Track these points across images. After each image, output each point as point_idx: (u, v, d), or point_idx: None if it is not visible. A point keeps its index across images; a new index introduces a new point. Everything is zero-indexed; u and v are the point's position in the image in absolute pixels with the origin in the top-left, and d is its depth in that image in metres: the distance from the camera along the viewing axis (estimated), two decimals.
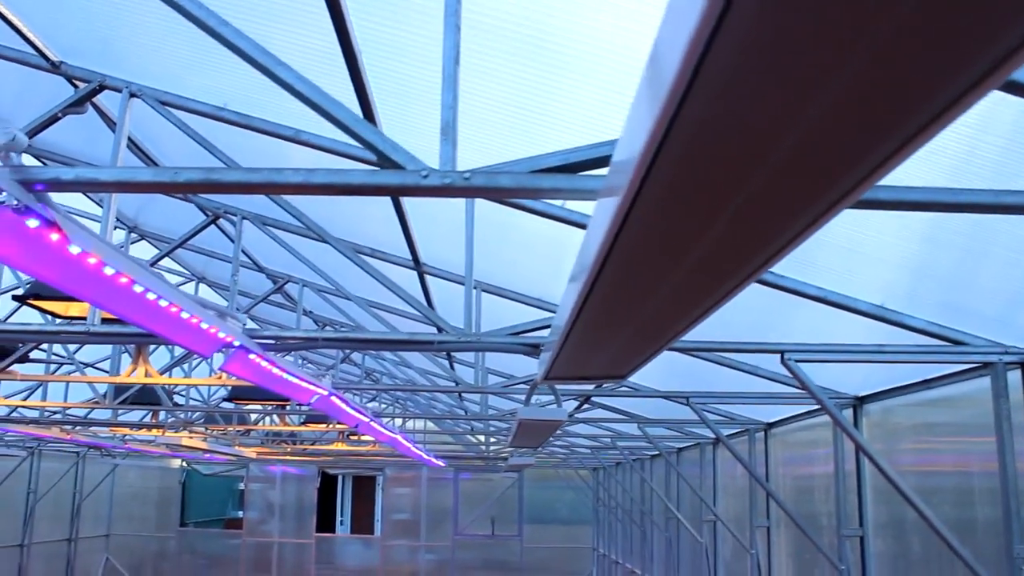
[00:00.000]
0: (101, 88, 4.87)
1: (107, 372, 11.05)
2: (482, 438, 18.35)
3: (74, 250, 2.71)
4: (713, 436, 11.50)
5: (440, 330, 4.51)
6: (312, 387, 5.65)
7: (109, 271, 2.92)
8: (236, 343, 4.19)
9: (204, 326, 3.75)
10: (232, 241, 7.47)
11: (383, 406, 15.50)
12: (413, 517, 23.61)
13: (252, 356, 4.47)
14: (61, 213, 2.48)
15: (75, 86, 5.19)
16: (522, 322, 5.52)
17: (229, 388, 9.28)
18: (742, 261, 1.79)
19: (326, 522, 24.50)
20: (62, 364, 10.81)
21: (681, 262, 1.75)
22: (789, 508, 7.78)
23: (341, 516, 32.94)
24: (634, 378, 8.31)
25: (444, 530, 23.21)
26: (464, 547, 23.10)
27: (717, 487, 11.54)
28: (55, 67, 5.02)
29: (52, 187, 2.42)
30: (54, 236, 2.59)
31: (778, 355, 5.24)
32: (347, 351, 10.41)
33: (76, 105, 4.82)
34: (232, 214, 6.58)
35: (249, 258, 7.76)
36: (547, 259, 6.76)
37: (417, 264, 6.14)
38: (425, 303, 7.15)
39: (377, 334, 5.06)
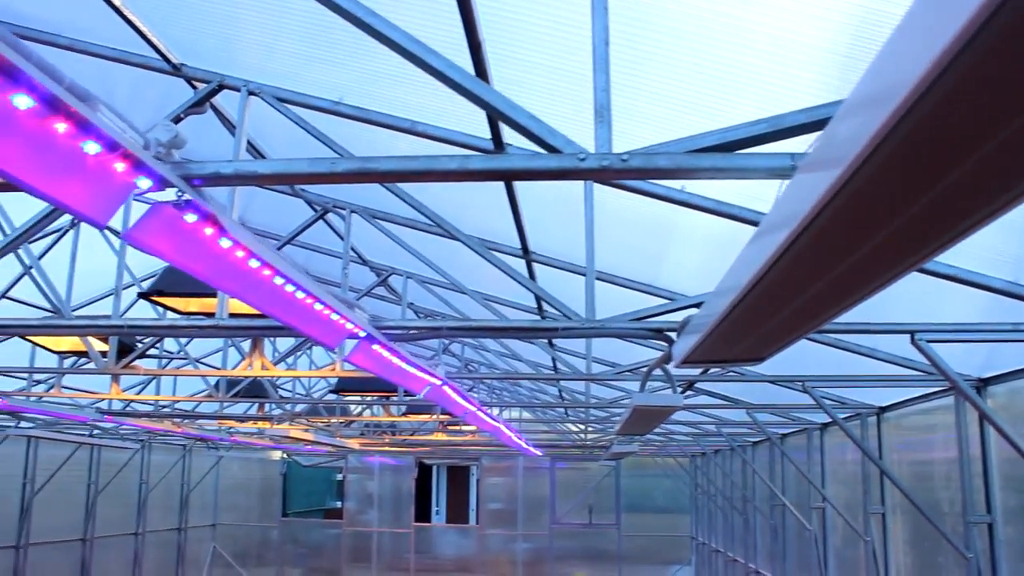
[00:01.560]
0: (220, 88, 4.96)
1: (214, 366, 11.36)
2: (579, 427, 18.32)
3: (225, 244, 2.75)
4: (820, 421, 11.26)
5: (564, 317, 4.48)
6: (428, 377, 5.68)
7: (254, 264, 2.96)
8: (362, 333, 4.23)
9: (334, 317, 3.79)
10: (339, 236, 7.58)
11: (478, 395, 15.58)
12: (509, 506, 23.72)
13: (375, 346, 4.51)
14: (218, 208, 2.52)
15: (194, 87, 5.31)
16: (631, 307, 5.46)
17: (334, 381, 9.43)
18: (929, 240, 1.72)
19: (422, 512, 24.80)
20: (172, 359, 11.11)
21: (874, 238, 1.68)
22: (907, 494, 7.55)
23: (436, 506, 33.32)
24: None
25: (541, 519, 23.26)
26: (561, 536, 23.12)
27: (825, 473, 11.27)
28: (176, 69, 5.13)
29: (211, 182, 2.46)
30: (208, 230, 2.64)
31: (906, 335, 5.08)
32: (447, 341, 10.48)
33: (197, 106, 4.92)
34: (341, 208, 6.65)
35: (354, 251, 7.85)
36: (654, 242, 6.68)
37: (526, 252, 6.11)
38: (537, 305, 7.14)
39: (499, 322, 5.05)
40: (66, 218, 8.04)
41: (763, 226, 2.00)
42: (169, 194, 2.47)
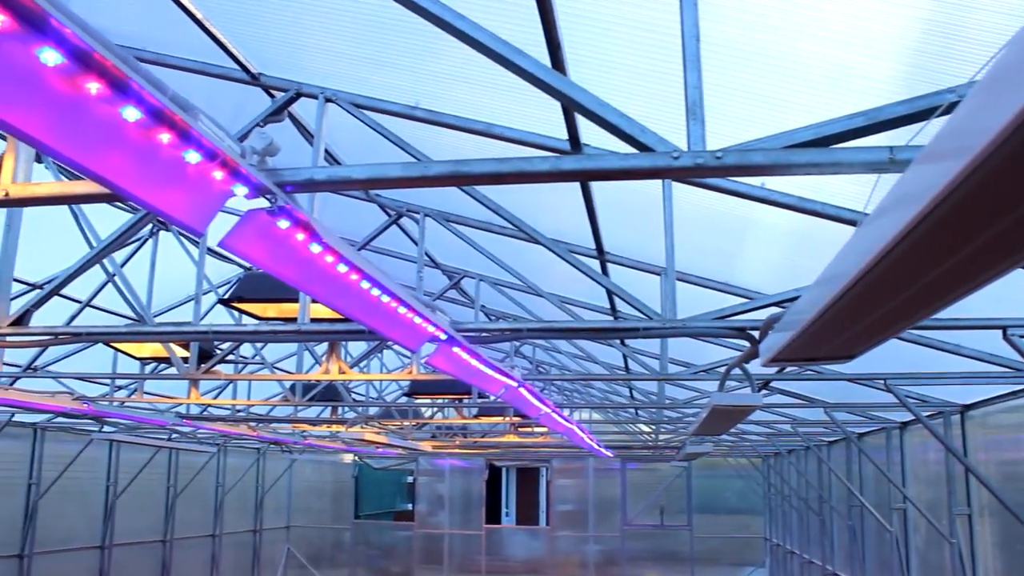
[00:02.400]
0: (298, 96, 5.03)
1: (287, 371, 11.53)
2: (651, 428, 18.18)
3: (315, 249, 2.78)
4: (899, 420, 11.01)
5: (646, 317, 4.44)
6: (504, 378, 5.69)
7: (342, 268, 2.99)
8: (443, 336, 4.25)
9: (417, 320, 3.81)
10: (412, 240, 7.63)
11: (549, 397, 15.55)
12: (580, 508, 23.65)
13: (455, 349, 4.53)
14: (308, 214, 2.55)
15: (271, 96, 5.40)
16: (705, 307, 5.39)
17: (406, 384, 9.49)
18: None
19: (492, 513, 24.87)
20: (248, 363, 11.32)
21: (991, 230, 1.63)
22: (997, 495, 7.33)
23: (507, 507, 33.38)
24: None
25: (612, 520, 23.15)
26: (633, 537, 22.98)
27: (906, 473, 11.01)
28: (255, 79, 5.22)
29: (304, 188, 2.49)
30: (300, 236, 2.67)
31: (997, 331, 4.94)
32: (519, 343, 10.49)
33: (275, 114, 5.00)
34: (415, 211, 6.70)
35: (427, 255, 7.90)
36: (728, 239, 6.59)
37: (600, 253, 6.08)
38: (606, 292, 7.10)
39: (579, 323, 5.04)
40: (146, 228, 8.25)
41: (870, 220, 1.95)
42: (262, 201, 2.50)
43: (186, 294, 9.83)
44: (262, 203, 2.63)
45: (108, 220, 6.70)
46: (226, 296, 6.09)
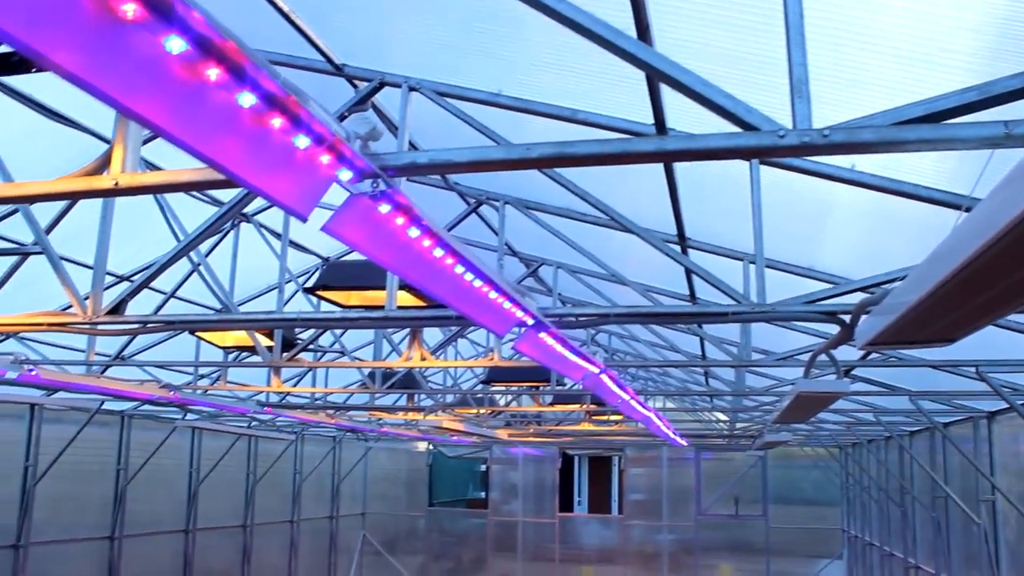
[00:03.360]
0: (382, 85, 5.08)
1: (363, 359, 11.68)
2: (726, 417, 18.00)
3: (413, 233, 2.81)
4: (986, 409, 10.71)
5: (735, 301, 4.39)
6: (587, 365, 5.69)
7: (438, 253, 3.02)
8: (530, 321, 4.26)
9: (507, 306, 3.83)
10: (490, 227, 7.66)
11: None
12: (653, 497, 23.54)
13: (542, 334, 4.54)
14: (407, 198, 2.58)
15: (355, 86, 5.46)
16: (787, 292, 5.30)
17: (482, 373, 9.53)
18: None
19: (564, 502, 24.92)
20: (326, 352, 11.48)
21: None
22: None
23: (579, 496, 33.42)
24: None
25: (685, 510, 23.00)
26: (707, 527, 22.79)
27: (995, 464, 10.71)
28: (339, 70, 5.29)
29: (405, 172, 2.51)
30: (399, 220, 2.70)
31: None
32: (595, 331, 10.47)
33: (359, 104, 5.06)
34: (495, 199, 6.72)
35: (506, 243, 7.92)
36: (808, 223, 6.47)
37: (682, 239, 6.03)
38: (687, 278, 7.05)
39: (666, 308, 5.00)
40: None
41: (987, 200, 1.90)
42: (364, 185, 2.54)
43: (265, 284, 10.03)
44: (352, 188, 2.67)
45: (190, 213, 6.88)
46: (309, 285, 6.19)
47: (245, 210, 8.44)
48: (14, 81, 5.86)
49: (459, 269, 3.21)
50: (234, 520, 19.01)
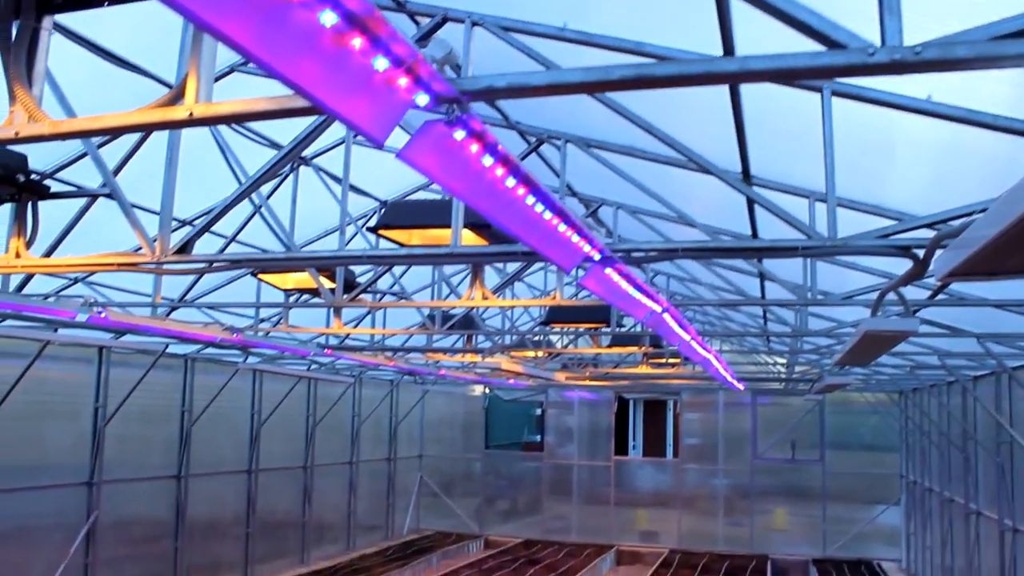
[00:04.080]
0: (444, 21, 5.01)
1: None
2: (784, 361, 17.85)
3: (487, 161, 2.79)
4: None
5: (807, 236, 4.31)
6: (651, 303, 5.65)
7: (510, 182, 3.00)
8: (597, 256, 4.23)
9: (575, 239, 3.80)
10: (550, 167, 7.61)
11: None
12: (708, 441, 23.56)
13: (608, 270, 4.51)
14: (484, 124, 2.55)
15: (416, 23, 5.40)
16: (854, 230, 5.17)
17: (546, 313, 9.53)
18: None
19: (618, 446, 25.04)
20: (386, 294, 11.56)
21: None
22: None
23: (633, 440, 33.60)
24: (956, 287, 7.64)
25: (741, 454, 22.98)
26: (763, 472, 22.78)
27: None
28: (400, 6, 5.24)
29: (483, 96, 2.48)
30: (473, 147, 2.68)
31: None
32: (653, 273, 10.40)
33: (421, 40, 5.01)
34: (556, 138, 6.66)
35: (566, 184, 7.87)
36: (872, 158, 6.31)
37: (747, 176, 5.91)
38: (749, 216, 6.94)
39: (735, 243, 4.94)
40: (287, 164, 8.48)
41: None
42: (439, 112, 2.51)
43: (323, 229, 10.11)
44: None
45: (250, 160, 6.92)
46: (372, 224, 6.22)
47: (304, 153, 8.50)
48: (79, 26, 5.91)
49: (530, 200, 3.18)
50: (295, 461, 19.45)
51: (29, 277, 8.89)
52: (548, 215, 3.39)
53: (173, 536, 15.56)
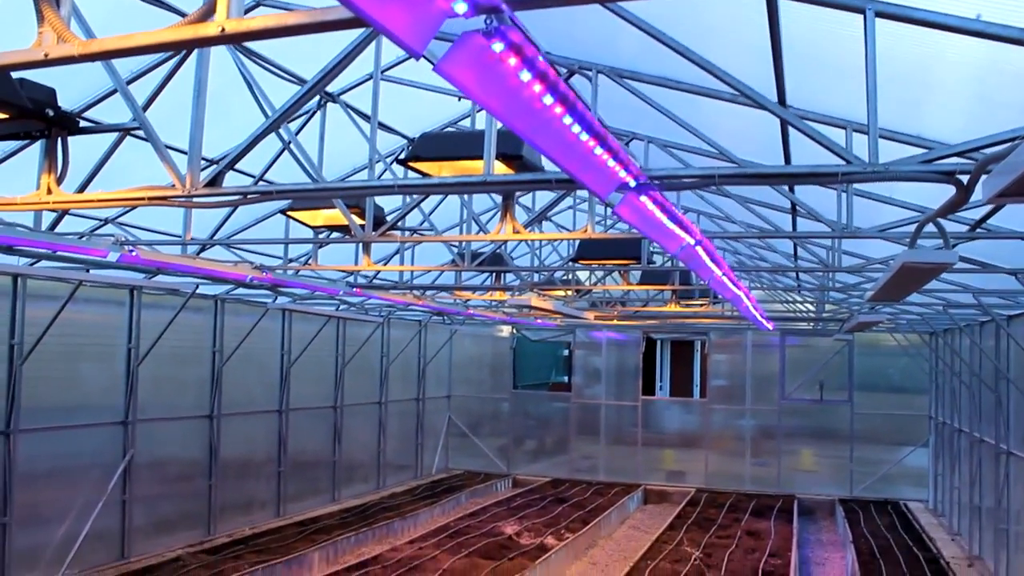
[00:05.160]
0: None
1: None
2: (814, 300, 17.70)
3: (524, 76, 2.72)
4: None
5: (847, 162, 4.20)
6: (685, 235, 5.58)
7: (548, 100, 2.93)
8: (632, 183, 4.16)
9: (611, 164, 3.73)
10: (581, 100, 7.47)
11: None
12: (735, 382, 23.56)
13: (643, 198, 4.44)
14: (525, 35, 2.48)
15: None
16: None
17: (575, 251, 9.46)
18: None
19: (645, 386, 25.08)
20: (416, 231, 11.52)
21: None
22: None
23: (660, 381, 33.69)
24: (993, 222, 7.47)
25: (768, 395, 22.97)
26: (790, 413, 22.78)
27: None
28: None
29: (524, 4, 2.41)
30: (512, 60, 2.61)
31: None
32: (683, 210, 10.28)
33: None
34: (587, 68, 6.54)
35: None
36: (906, 87, 6.14)
37: (782, 103, 5.78)
38: (783, 146, 6.81)
39: (774, 168, 4.83)
40: (314, 100, 8.41)
41: None
42: (478, 22, 2.45)
43: (352, 166, 10.06)
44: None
45: (277, 95, 6.85)
46: (402, 156, 6.16)
47: (332, 90, 8.42)
48: None
49: (567, 120, 3.11)
50: (325, 402, 19.67)
51: (61, 217, 8.94)
52: (585, 136, 3.32)
53: (207, 474, 15.84)
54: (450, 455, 25.30)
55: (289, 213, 9.02)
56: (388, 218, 8.78)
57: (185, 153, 6.18)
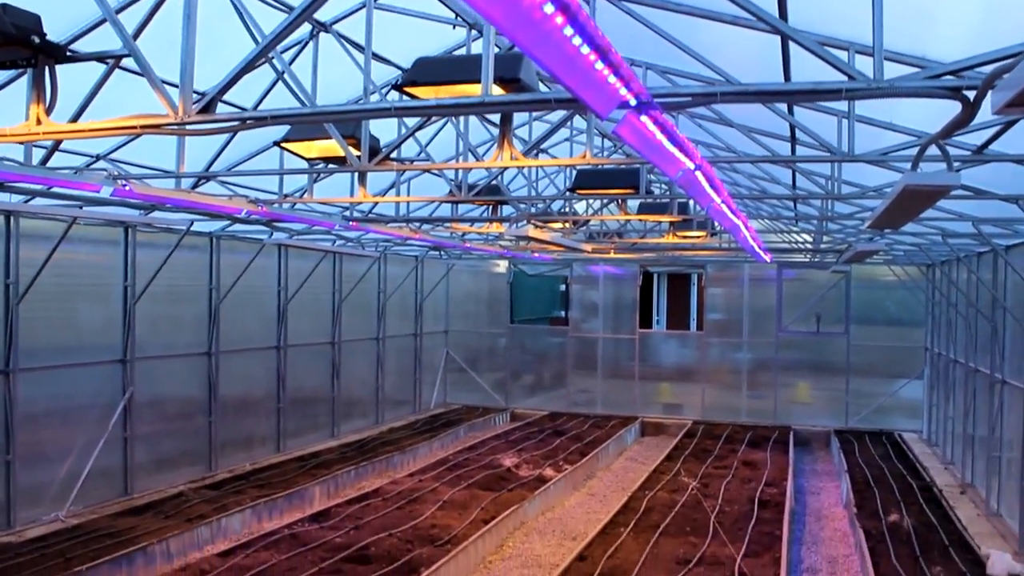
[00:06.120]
0: None
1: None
2: (809, 238, 17.65)
3: None
4: None
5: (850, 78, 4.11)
6: (685, 159, 5.51)
7: (549, 8, 2.85)
8: (633, 102, 4.08)
9: (612, 80, 3.65)
10: None
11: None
12: (732, 316, 23.63)
13: (644, 118, 4.36)
14: None
15: None
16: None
17: (572, 180, 9.37)
18: None
19: (642, 319, 25.12)
20: (413, 162, 11.41)
21: None
22: None
23: (657, 314, 33.79)
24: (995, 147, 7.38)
25: (765, 328, 23.04)
26: (787, 346, 22.89)
27: None
28: None
29: None
30: None
31: None
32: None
33: None
34: None
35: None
36: (917, 12, 6.03)
37: (783, 18, 5.65)
38: (782, 64, 6.69)
39: (776, 86, 4.75)
40: (305, 29, 8.25)
41: None
42: None
43: (346, 98, 9.91)
44: None
45: (268, 26, 6.70)
46: (398, 82, 6.04)
47: (325, 19, 8.25)
48: None
49: (568, 31, 3.03)
50: (322, 338, 19.71)
51: (52, 151, 8.82)
52: (586, 50, 3.24)
53: (207, 411, 15.94)
54: (448, 390, 25.46)
55: (283, 145, 8.89)
56: (384, 148, 8.68)
57: (176, 87, 6.05)
